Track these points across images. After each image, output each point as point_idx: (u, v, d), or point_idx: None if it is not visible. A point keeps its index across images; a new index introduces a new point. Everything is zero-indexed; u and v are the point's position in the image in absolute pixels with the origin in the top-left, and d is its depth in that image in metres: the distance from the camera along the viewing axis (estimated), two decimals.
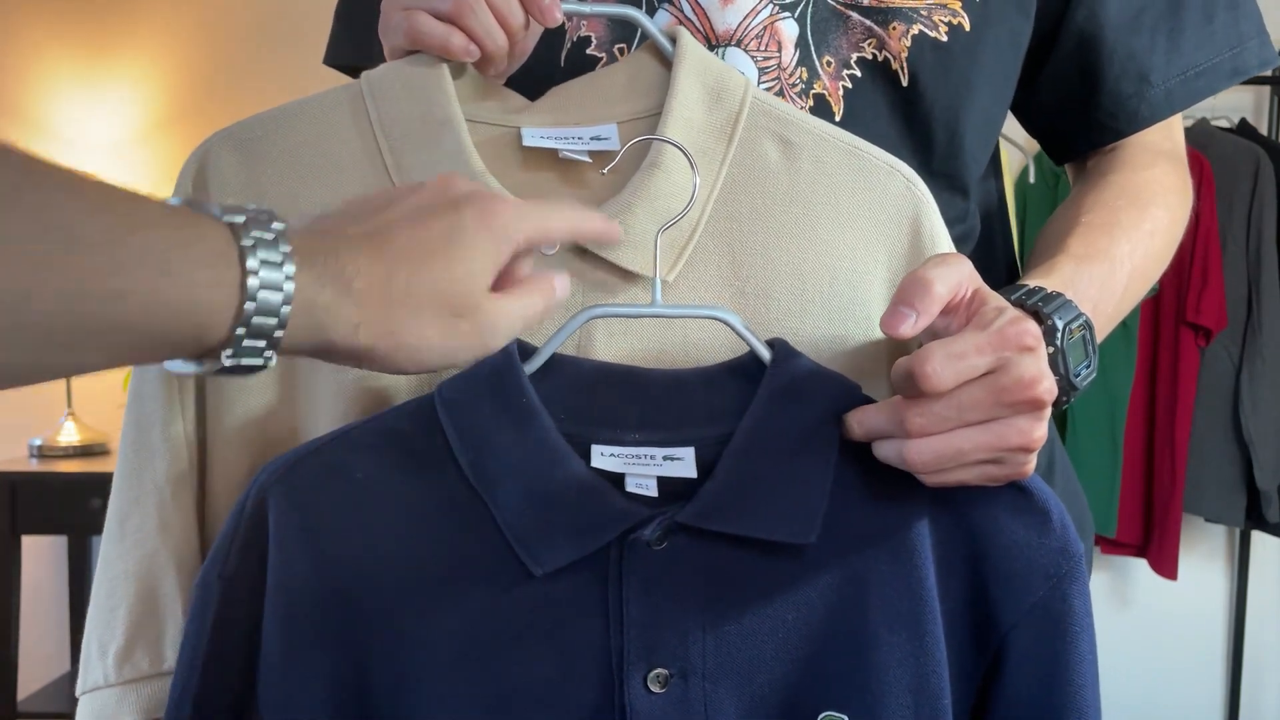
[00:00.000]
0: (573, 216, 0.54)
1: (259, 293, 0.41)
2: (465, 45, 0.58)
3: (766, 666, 0.54)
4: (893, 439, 0.52)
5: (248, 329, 0.41)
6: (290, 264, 0.42)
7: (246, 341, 0.42)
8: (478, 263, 0.49)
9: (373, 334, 0.46)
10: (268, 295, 0.41)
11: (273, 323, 0.42)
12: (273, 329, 0.42)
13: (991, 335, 0.50)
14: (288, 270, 0.42)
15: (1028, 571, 0.55)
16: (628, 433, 0.56)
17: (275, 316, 0.42)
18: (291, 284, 0.42)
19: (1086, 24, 0.75)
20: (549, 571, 0.52)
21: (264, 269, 0.41)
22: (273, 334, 0.42)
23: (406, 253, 0.47)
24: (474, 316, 0.49)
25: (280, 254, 0.42)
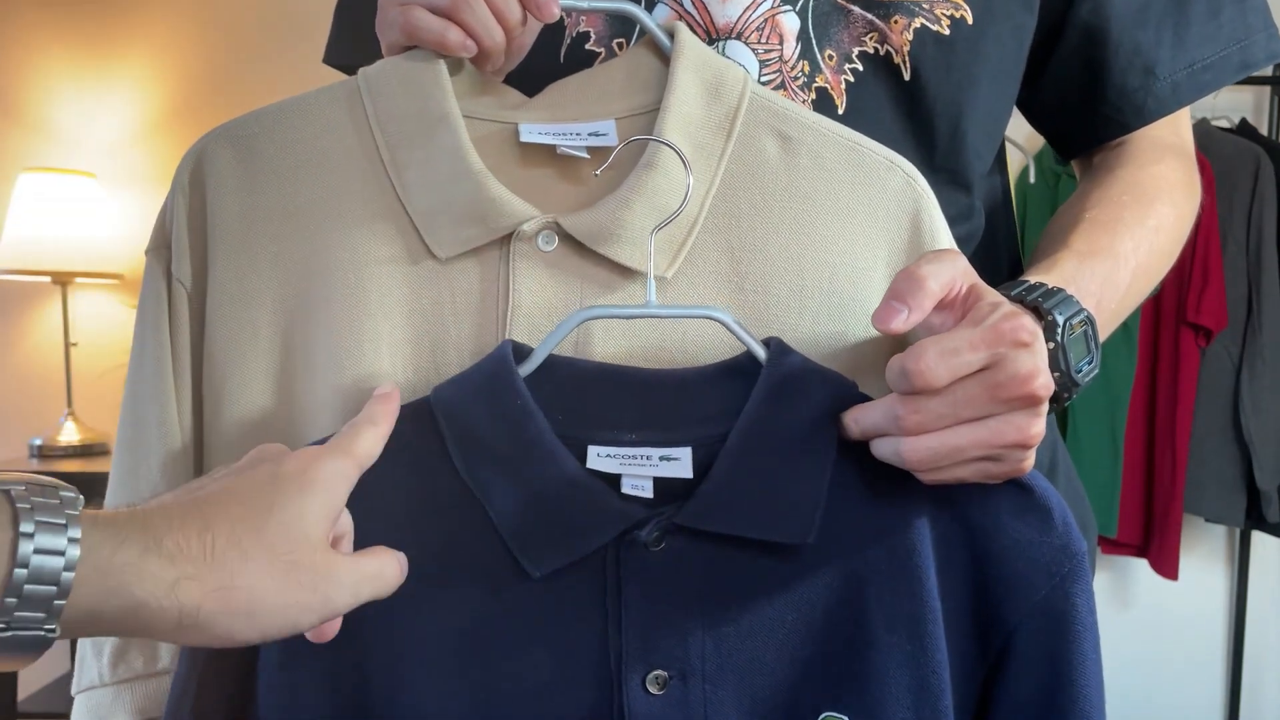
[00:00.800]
0: (373, 429, 0.50)
1: (33, 558, 0.37)
2: (462, 40, 0.58)
3: (766, 667, 0.54)
4: (889, 437, 0.52)
5: (20, 598, 0.37)
6: (75, 527, 0.38)
7: (21, 612, 0.37)
8: (309, 505, 0.44)
9: (196, 591, 0.40)
10: (44, 560, 0.37)
11: (51, 590, 0.37)
12: (51, 597, 0.38)
13: (986, 330, 0.50)
14: (72, 532, 0.38)
15: (1030, 570, 0.54)
16: (624, 433, 0.56)
17: (55, 583, 0.37)
18: (76, 548, 0.38)
19: (1092, 17, 0.75)
20: (546, 573, 0.52)
21: (41, 532, 0.37)
22: (51, 603, 0.38)
23: (223, 504, 0.43)
24: (312, 565, 0.44)
25: (64, 516, 0.38)
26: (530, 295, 0.59)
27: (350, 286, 0.59)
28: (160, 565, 0.40)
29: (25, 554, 0.37)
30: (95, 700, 0.61)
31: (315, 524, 0.44)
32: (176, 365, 0.61)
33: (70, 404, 2.34)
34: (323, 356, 0.59)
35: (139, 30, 2.50)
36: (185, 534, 0.41)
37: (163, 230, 0.62)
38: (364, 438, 0.49)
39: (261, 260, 0.60)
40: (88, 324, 2.47)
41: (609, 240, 0.58)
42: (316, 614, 0.44)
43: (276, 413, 0.60)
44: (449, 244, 0.59)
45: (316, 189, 0.60)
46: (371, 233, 0.59)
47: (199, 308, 0.61)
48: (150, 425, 0.60)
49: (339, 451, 0.48)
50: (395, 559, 0.48)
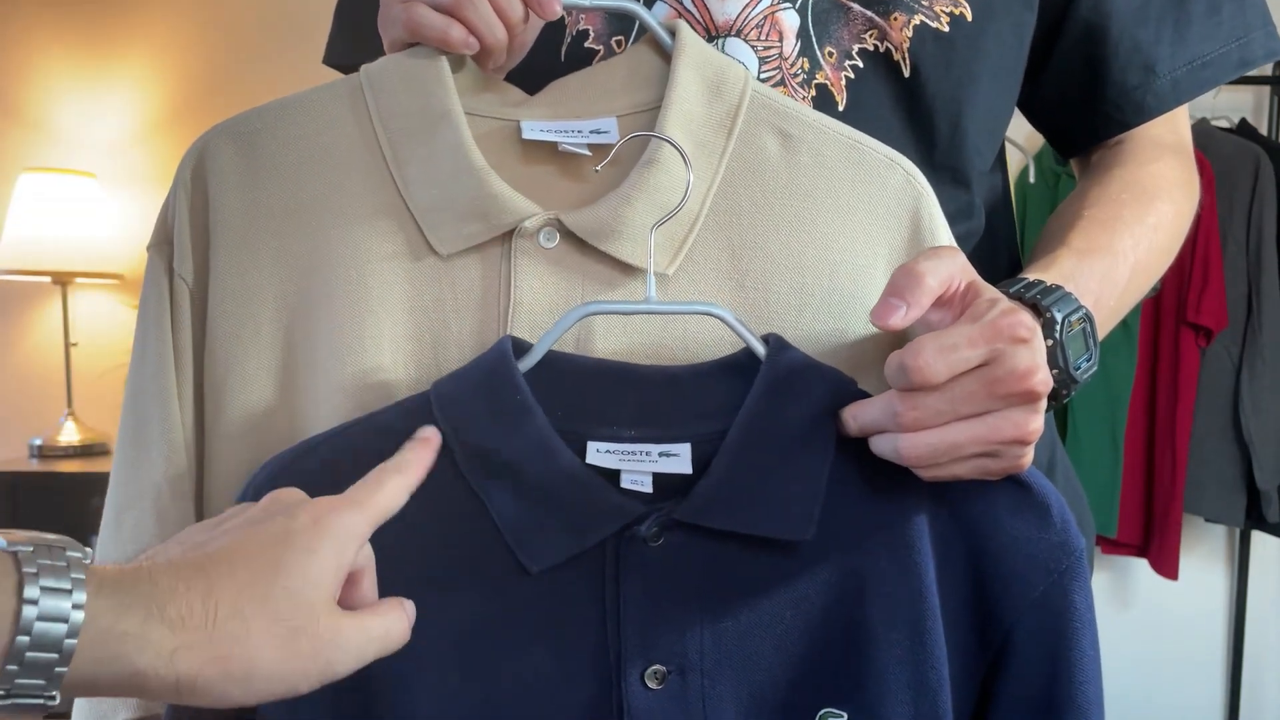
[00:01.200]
0: (399, 480, 0.49)
1: (35, 624, 0.37)
2: (464, 38, 0.58)
3: (765, 663, 0.54)
4: (887, 433, 0.52)
5: (21, 665, 0.37)
6: (81, 591, 0.38)
7: (21, 679, 0.37)
8: (313, 569, 0.43)
9: (195, 660, 0.40)
10: (47, 627, 0.37)
11: (52, 658, 0.37)
12: (53, 664, 0.37)
13: (984, 327, 0.50)
14: (77, 598, 0.38)
15: (1028, 567, 0.54)
16: (623, 429, 0.56)
17: (56, 651, 0.37)
18: (80, 613, 0.38)
19: (1092, 15, 0.75)
20: (545, 569, 0.52)
21: (46, 597, 0.37)
22: (53, 670, 0.38)
23: (230, 565, 0.42)
24: (316, 632, 0.43)
25: (70, 580, 0.38)
26: (532, 292, 0.59)
27: (352, 283, 0.59)
28: (161, 633, 0.40)
29: (29, 620, 0.37)
30: (96, 701, 0.61)
31: (321, 587, 0.44)
32: (178, 361, 0.61)
33: (70, 404, 2.34)
34: (324, 352, 0.59)
35: (139, 30, 2.50)
36: (189, 599, 0.41)
37: (164, 226, 0.62)
38: (386, 489, 0.48)
39: (263, 256, 0.60)
40: (88, 324, 2.47)
41: (610, 237, 0.58)
42: (316, 679, 0.44)
43: (278, 408, 0.60)
44: (451, 240, 0.59)
45: (318, 185, 0.60)
46: (373, 229, 0.59)
47: (201, 304, 0.61)
48: (152, 421, 0.60)
49: (354, 505, 0.47)
50: (403, 615, 0.48)
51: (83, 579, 0.38)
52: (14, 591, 0.37)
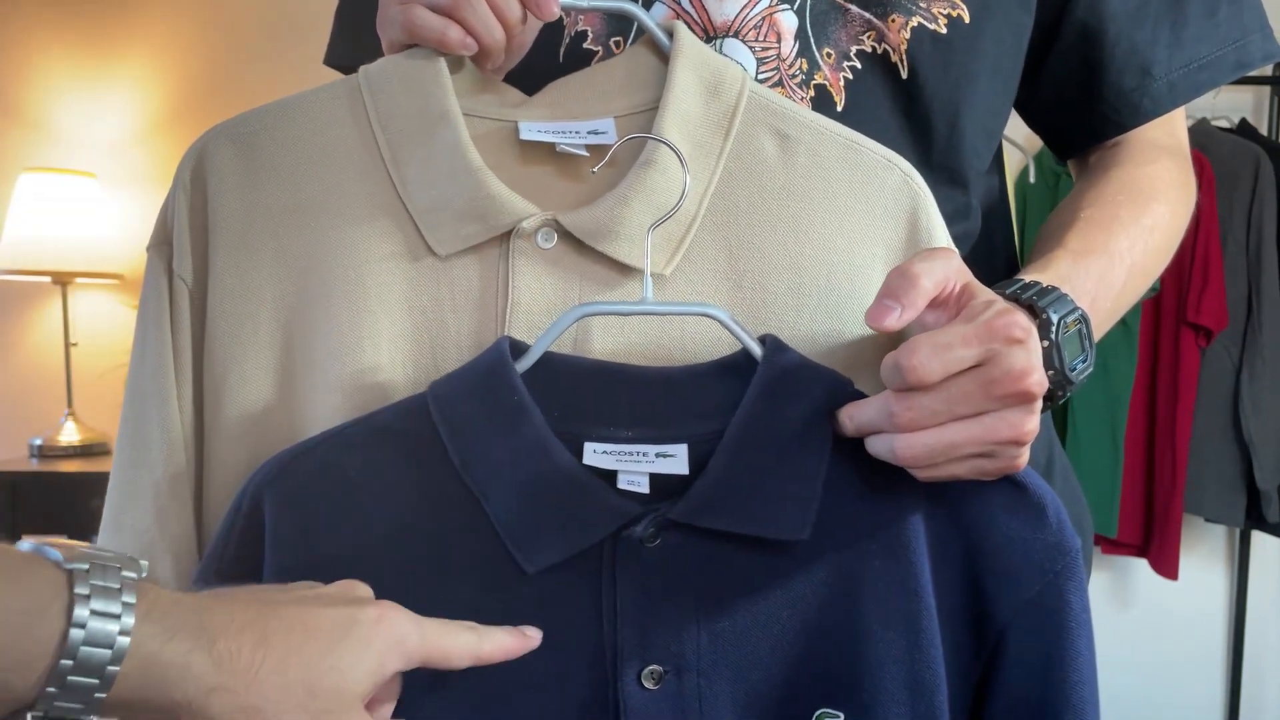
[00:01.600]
0: (475, 642, 0.48)
1: (80, 649, 0.37)
2: (462, 39, 0.58)
3: (761, 663, 0.54)
4: (884, 434, 0.52)
5: (62, 688, 0.37)
6: (130, 615, 0.38)
7: (60, 702, 0.37)
8: (361, 663, 0.44)
9: (230, 705, 0.40)
10: (91, 652, 0.37)
11: (93, 683, 0.37)
12: (92, 689, 0.37)
13: (979, 327, 0.50)
14: (125, 623, 0.38)
15: (1023, 567, 0.54)
16: (620, 430, 0.56)
17: (98, 677, 0.37)
18: (126, 639, 0.37)
19: (1088, 17, 0.75)
20: (541, 569, 0.52)
21: (94, 621, 0.37)
22: (92, 695, 0.37)
23: (288, 627, 0.42)
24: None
25: (120, 604, 0.38)
26: (529, 292, 0.59)
27: (350, 283, 0.59)
28: (204, 667, 0.40)
29: (74, 644, 0.37)
30: None
31: (361, 683, 0.44)
32: (178, 361, 0.61)
33: (70, 404, 2.34)
34: (323, 352, 0.59)
35: (139, 30, 2.50)
36: (240, 642, 0.41)
37: (164, 227, 0.62)
38: (455, 640, 0.48)
39: (262, 257, 0.60)
40: (88, 324, 2.47)
41: (608, 238, 0.58)
42: None
43: (276, 408, 0.60)
44: (449, 241, 0.59)
45: (317, 186, 0.60)
46: (372, 229, 0.59)
47: (200, 304, 0.61)
48: (151, 421, 0.61)
49: (418, 627, 0.46)
50: None
51: (133, 603, 0.38)
52: (63, 614, 0.37)
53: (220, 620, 0.41)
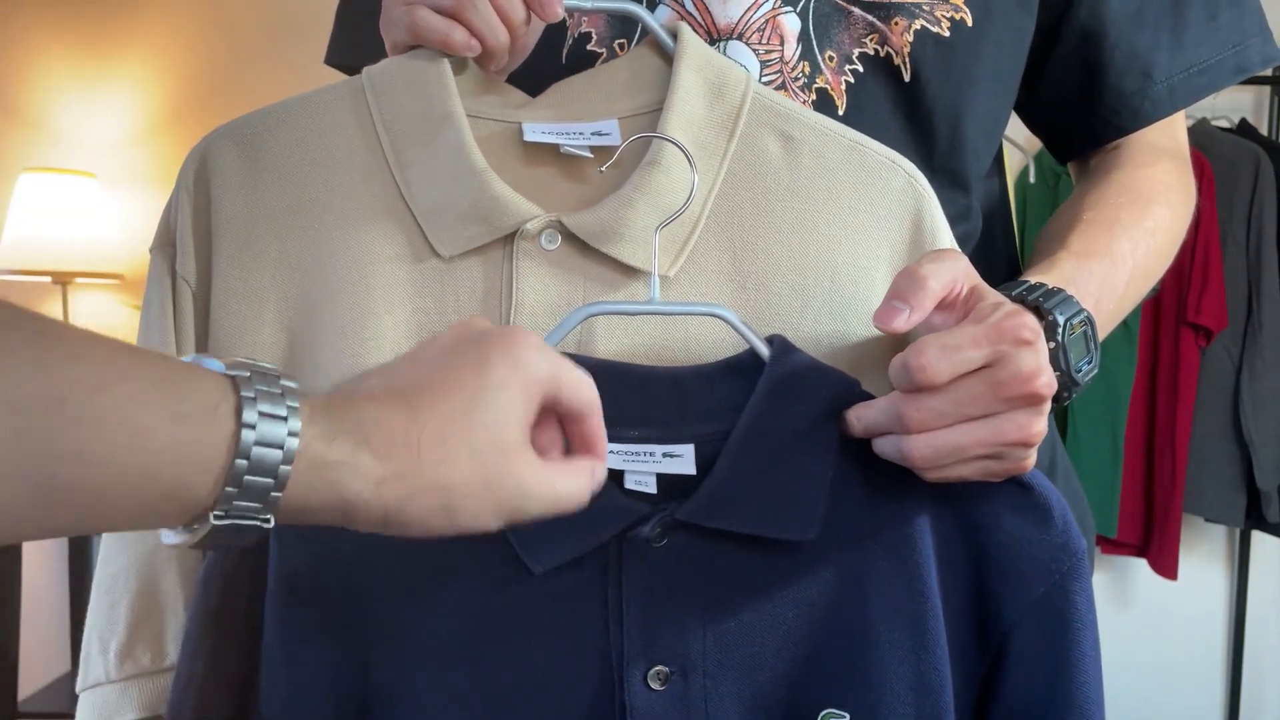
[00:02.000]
0: (593, 392, 0.48)
1: (253, 449, 0.37)
2: (466, 40, 0.58)
3: (767, 664, 0.54)
4: (892, 435, 0.52)
5: (240, 489, 0.38)
6: (296, 419, 0.39)
7: (239, 501, 0.38)
8: (507, 407, 0.44)
9: (401, 489, 0.41)
10: (264, 452, 0.38)
11: (268, 483, 0.38)
12: (269, 489, 0.38)
13: (988, 328, 0.50)
14: (292, 425, 0.38)
15: (1029, 568, 0.54)
16: (627, 429, 0.56)
17: (272, 476, 0.38)
18: (295, 440, 0.38)
19: (1089, 20, 0.75)
20: (548, 569, 0.52)
21: (263, 423, 0.38)
22: (268, 495, 0.38)
23: (431, 396, 0.42)
24: (510, 470, 0.44)
25: (285, 408, 0.38)
26: (533, 294, 0.59)
27: (354, 285, 0.59)
28: (369, 462, 0.40)
29: (247, 445, 0.37)
30: (101, 698, 0.61)
31: (512, 426, 0.44)
32: None
33: None
34: (326, 354, 0.59)
35: (139, 30, 2.50)
36: (392, 429, 0.41)
37: (167, 228, 0.62)
38: (578, 381, 0.47)
39: (266, 258, 0.60)
40: (88, 324, 2.44)
41: (612, 239, 0.58)
42: (506, 519, 0.44)
43: None
44: (452, 243, 0.59)
45: (321, 187, 0.60)
46: (375, 231, 0.59)
47: (203, 305, 0.61)
48: None
49: (550, 363, 0.46)
50: (588, 480, 0.47)
51: (296, 407, 0.39)
52: (233, 415, 0.37)
53: (370, 413, 0.41)
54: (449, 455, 0.42)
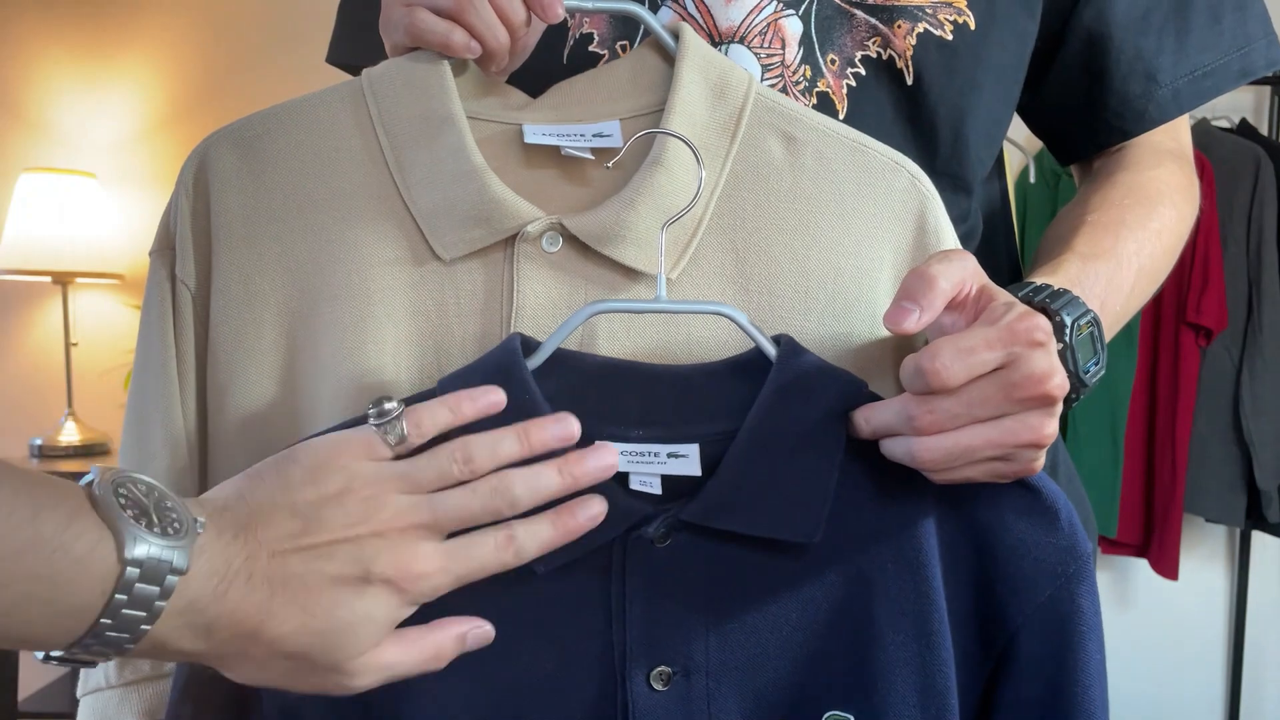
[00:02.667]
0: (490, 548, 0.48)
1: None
2: (466, 42, 0.58)
3: (770, 665, 0.54)
4: (901, 436, 0.52)
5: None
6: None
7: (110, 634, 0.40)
8: (371, 631, 0.45)
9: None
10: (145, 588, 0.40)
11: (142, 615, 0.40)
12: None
13: (1001, 330, 0.50)
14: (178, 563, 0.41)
15: (1035, 571, 0.54)
16: (632, 429, 0.56)
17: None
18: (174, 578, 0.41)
19: (1094, 24, 0.75)
20: (551, 569, 0.52)
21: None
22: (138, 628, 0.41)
23: (289, 592, 0.44)
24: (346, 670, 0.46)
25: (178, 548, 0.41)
26: (535, 297, 0.59)
27: (354, 288, 0.59)
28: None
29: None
30: (102, 703, 0.61)
31: (371, 640, 0.46)
32: (181, 367, 0.61)
33: (71, 404, 2.34)
34: (327, 357, 0.59)
35: (139, 31, 2.50)
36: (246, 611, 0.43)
37: (166, 232, 0.62)
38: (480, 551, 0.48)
39: (265, 261, 0.60)
40: (88, 324, 2.47)
41: (613, 241, 0.58)
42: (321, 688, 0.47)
43: (280, 413, 0.60)
44: (453, 245, 0.59)
45: (320, 190, 0.60)
46: (375, 234, 0.59)
47: (203, 309, 0.61)
48: (155, 426, 0.60)
49: (443, 572, 0.47)
50: (446, 638, 0.48)
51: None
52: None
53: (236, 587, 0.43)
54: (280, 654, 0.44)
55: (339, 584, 0.44)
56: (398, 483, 0.47)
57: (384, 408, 0.48)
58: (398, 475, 0.47)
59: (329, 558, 0.45)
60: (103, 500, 0.40)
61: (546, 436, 0.49)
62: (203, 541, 0.42)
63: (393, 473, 0.47)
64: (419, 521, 0.46)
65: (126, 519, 0.40)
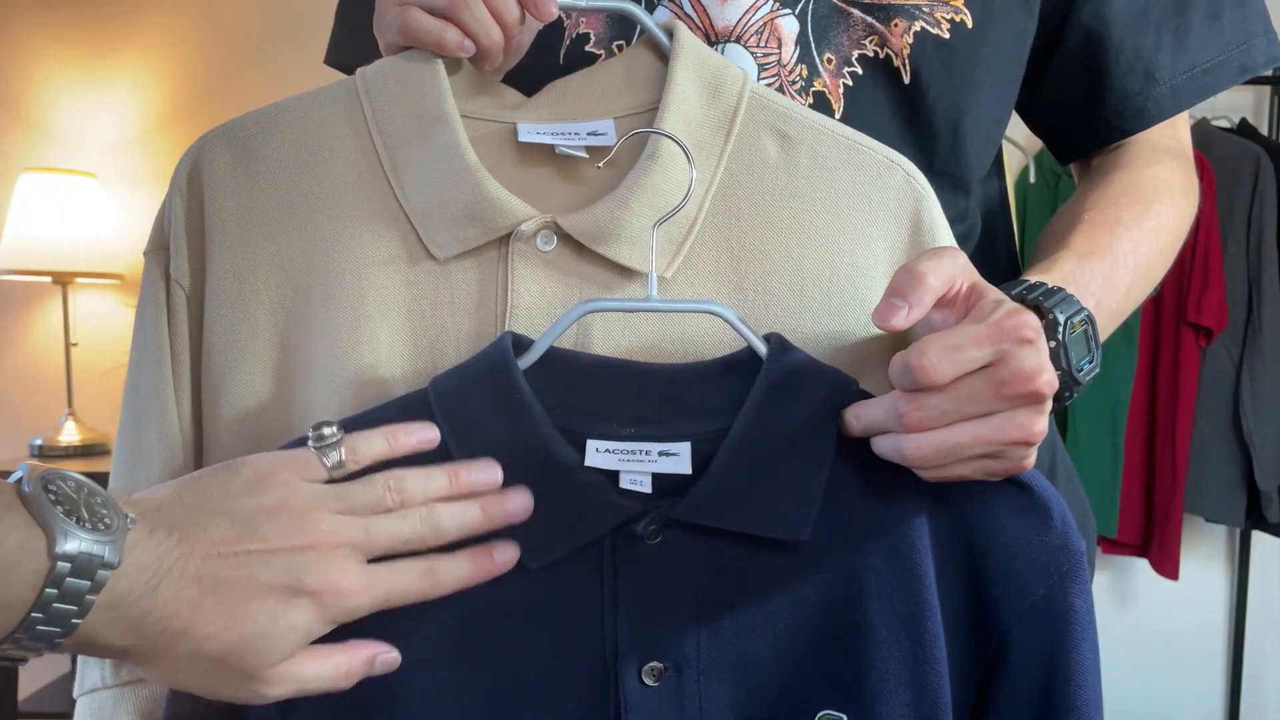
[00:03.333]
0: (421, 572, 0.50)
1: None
2: (460, 40, 0.58)
3: (762, 662, 0.54)
4: (891, 434, 0.52)
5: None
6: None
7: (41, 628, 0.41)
8: (290, 641, 0.46)
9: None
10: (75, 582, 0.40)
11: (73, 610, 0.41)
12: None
13: (990, 327, 0.50)
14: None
15: (1027, 569, 0.54)
16: (623, 427, 0.56)
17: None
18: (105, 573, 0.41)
19: (1092, 21, 0.75)
20: (542, 566, 0.52)
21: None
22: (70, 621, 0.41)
23: (215, 599, 0.45)
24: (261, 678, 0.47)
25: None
26: (529, 295, 0.59)
27: (349, 287, 0.59)
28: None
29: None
30: (98, 703, 0.61)
31: (286, 650, 0.47)
32: (176, 367, 0.61)
33: (71, 404, 2.34)
34: (321, 357, 0.59)
35: (139, 31, 2.50)
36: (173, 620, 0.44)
37: (161, 232, 0.62)
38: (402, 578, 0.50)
39: (259, 261, 0.60)
40: (88, 324, 2.47)
41: (608, 240, 0.58)
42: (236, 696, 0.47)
43: (275, 413, 0.60)
44: (447, 244, 0.59)
45: (315, 189, 0.60)
46: (370, 233, 0.59)
47: (198, 308, 0.61)
48: (150, 426, 0.60)
49: (364, 592, 0.48)
50: (363, 654, 0.50)
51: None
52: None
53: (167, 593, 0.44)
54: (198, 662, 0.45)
55: (269, 592, 0.45)
56: (333, 502, 0.48)
57: (323, 432, 0.50)
58: (333, 495, 0.48)
59: (263, 565, 0.46)
60: (33, 497, 0.41)
61: (474, 479, 0.52)
62: (134, 537, 0.43)
63: (329, 493, 0.48)
64: (352, 540, 0.48)
65: (57, 515, 0.40)
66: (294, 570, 0.46)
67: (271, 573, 0.46)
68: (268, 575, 0.45)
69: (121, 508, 0.43)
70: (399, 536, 0.49)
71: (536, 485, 0.53)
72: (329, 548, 0.47)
